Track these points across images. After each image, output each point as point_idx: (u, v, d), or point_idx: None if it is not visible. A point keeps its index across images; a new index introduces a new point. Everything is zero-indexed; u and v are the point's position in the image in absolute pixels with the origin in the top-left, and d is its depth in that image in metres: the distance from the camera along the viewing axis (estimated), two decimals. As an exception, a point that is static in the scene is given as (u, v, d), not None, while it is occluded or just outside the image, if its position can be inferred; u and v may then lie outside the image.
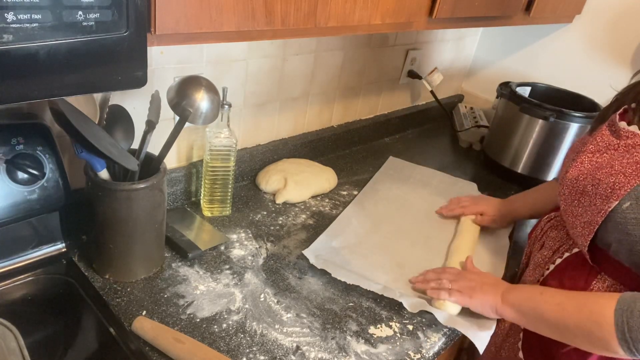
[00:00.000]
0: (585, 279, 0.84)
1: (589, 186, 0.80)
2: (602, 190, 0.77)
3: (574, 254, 0.88)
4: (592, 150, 0.83)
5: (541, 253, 0.95)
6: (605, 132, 0.83)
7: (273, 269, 0.96)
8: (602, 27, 1.51)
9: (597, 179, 0.78)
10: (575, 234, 0.84)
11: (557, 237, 0.93)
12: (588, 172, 0.81)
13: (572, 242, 0.89)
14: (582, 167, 0.83)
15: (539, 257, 0.95)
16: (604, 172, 0.78)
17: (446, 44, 1.71)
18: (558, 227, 0.95)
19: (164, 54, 0.96)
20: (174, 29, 0.61)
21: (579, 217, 0.82)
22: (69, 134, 0.71)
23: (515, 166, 1.46)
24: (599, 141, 0.83)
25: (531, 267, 0.97)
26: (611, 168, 0.77)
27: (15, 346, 0.64)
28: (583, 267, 0.85)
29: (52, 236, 0.87)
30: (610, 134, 0.82)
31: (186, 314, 0.82)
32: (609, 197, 0.75)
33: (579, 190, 0.82)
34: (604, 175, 0.77)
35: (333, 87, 1.38)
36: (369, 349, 0.82)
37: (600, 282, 0.82)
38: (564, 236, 0.92)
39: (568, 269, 0.88)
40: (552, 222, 0.97)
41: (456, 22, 1.06)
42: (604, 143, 0.82)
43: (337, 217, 1.15)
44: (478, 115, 1.73)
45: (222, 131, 1.02)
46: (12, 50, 0.47)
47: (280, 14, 0.71)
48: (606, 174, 0.77)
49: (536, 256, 0.96)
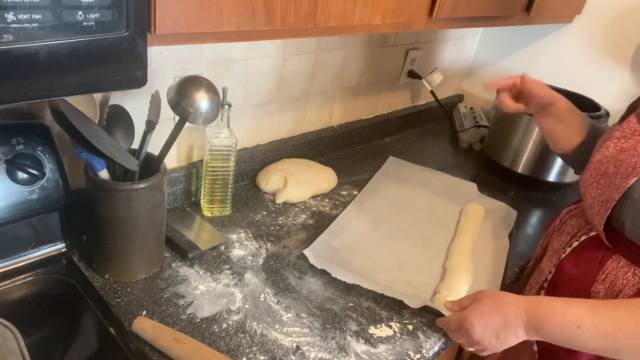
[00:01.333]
0: (600, 260, 0.84)
1: (610, 167, 0.81)
2: (624, 170, 0.78)
3: (590, 237, 0.89)
4: (617, 136, 0.84)
5: (559, 239, 0.96)
6: (632, 120, 0.84)
7: (273, 269, 0.96)
8: (602, 27, 1.51)
9: (620, 160, 0.80)
10: (593, 214, 0.85)
11: (575, 224, 0.94)
12: (611, 156, 0.82)
13: (590, 226, 0.90)
14: (606, 151, 0.84)
15: (557, 243, 0.96)
16: (627, 154, 0.79)
17: (446, 44, 1.71)
18: (577, 215, 0.96)
19: (164, 54, 0.96)
20: (174, 29, 0.61)
21: (597, 197, 0.83)
22: (69, 134, 0.71)
23: (515, 166, 1.46)
24: (625, 128, 0.84)
25: (549, 254, 0.97)
26: (634, 150, 0.79)
27: (15, 346, 0.64)
28: (599, 248, 0.86)
29: (52, 236, 0.87)
30: (637, 122, 0.83)
31: (186, 314, 0.82)
32: (629, 175, 0.77)
33: (601, 172, 0.83)
34: (627, 156, 0.79)
35: (333, 87, 1.38)
36: (369, 349, 0.82)
37: (615, 262, 0.82)
38: (582, 222, 0.93)
39: (584, 250, 0.89)
40: (573, 212, 0.98)
41: (456, 22, 1.06)
42: (630, 130, 0.83)
43: (337, 217, 1.15)
44: (478, 115, 1.73)
45: (222, 131, 1.02)
46: (12, 50, 0.47)
47: (280, 14, 0.71)
48: (629, 155, 0.79)
49: (554, 242, 0.97)
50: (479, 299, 0.80)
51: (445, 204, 1.29)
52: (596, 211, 0.83)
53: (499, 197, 1.35)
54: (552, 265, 0.94)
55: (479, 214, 1.22)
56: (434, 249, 1.10)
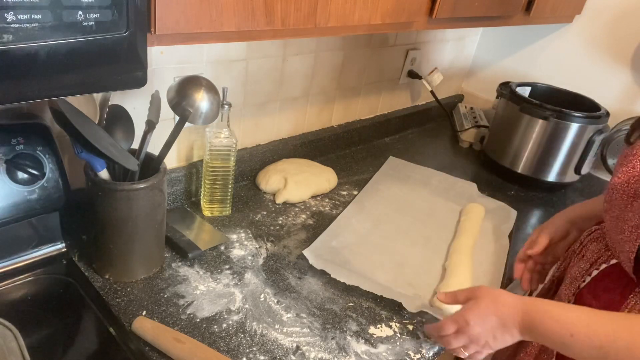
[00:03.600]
0: (621, 292, 0.78)
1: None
2: None
3: (611, 266, 0.83)
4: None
5: (578, 265, 0.89)
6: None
7: (273, 269, 0.96)
8: (602, 27, 1.51)
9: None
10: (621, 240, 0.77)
11: (595, 249, 0.88)
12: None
13: (610, 253, 0.84)
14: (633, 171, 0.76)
15: (576, 270, 0.89)
16: None
17: (446, 44, 1.71)
18: (598, 239, 0.89)
19: (164, 54, 0.96)
20: (174, 29, 0.61)
21: (628, 221, 0.75)
22: (69, 134, 0.71)
23: (515, 166, 1.46)
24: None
25: (568, 281, 0.90)
26: None
27: (15, 346, 0.64)
28: (620, 279, 0.80)
29: (52, 236, 0.87)
30: None
31: (186, 314, 0.82)
32: None
33: (631, 193, 0.75)
34: None
35: (333, 87, 1.38)
36: (369, 349, 0.82)
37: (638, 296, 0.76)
38: (602, 248, 0.86)
39: (604, 280, 0.83)
40: (593, 234, 0.92)
41: (456, 22, 1.06)
42: None
43: (337, 217, 1.15)
44: (478, 115, 1.73)
45: (222, 131, 1.02)
46: (12, 50, 0.47)
47: (280, 14, 0.71)
48: None
49: (573, 269, 0.90)
50: (476, 298, 0.79)
51: (445, 203, 1.29)
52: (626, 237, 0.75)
53: (499, 197, 1.35)
54: (570, 295, 0.88)
55: (479, 214, 1.22)
56: (434, 249, 1.10)
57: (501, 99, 1.49)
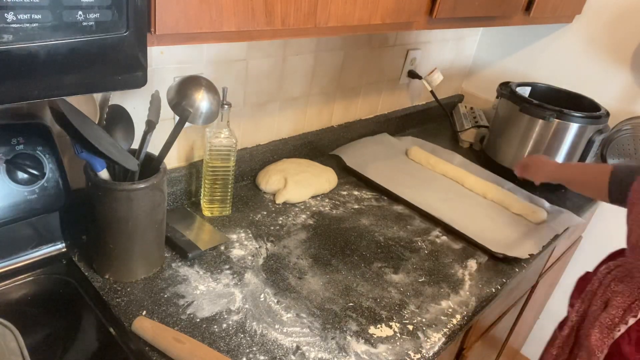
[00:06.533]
0: None
1: None
2: None
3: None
4: None
5: (608, 312, 0.82)
6: None
7: (273, 269, 0.96)
8: (602, 27, 1.51)
9: None
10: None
11: (626, 292, 0.82)
12: None
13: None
14: None
15: (607, 318, 0.83)
16: None
17: (446, 44, 1.71)
18: (625, 279, 0.83)
19: (164, 54, 0.96)
20: (174, 29, 0.61)
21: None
22: (69, 134, 0.71)
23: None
24: None
25: (596, 329, 0.85)
26: None
27: (15, 346, 0.64)
28: None
29: (52, 236, 0.87)
30: None
31: (186, 314, 0.82)
32: None
33: None
34: None
35: (333, 87, 1.38)
36: (369, 349, 0.82)
37: None
38: (635, 291, 0.81)
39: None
40: (615, 273, 0.86)
41: (456, 22, 1.06)
42: None
43: (337, 216, 1.15)
44: (478, 115, 1.73)
45: (222, 131, 1.02)
46: (12, 50, 0.47)
47: (280, 14, 0.71)
48: None
49: (602, 317, 0.84)
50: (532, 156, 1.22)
51: None
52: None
53: (499, 197, 1.35)
54: (604, 345, 0.82)
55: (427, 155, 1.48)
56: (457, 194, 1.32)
57: (501, 99, 1.49)
